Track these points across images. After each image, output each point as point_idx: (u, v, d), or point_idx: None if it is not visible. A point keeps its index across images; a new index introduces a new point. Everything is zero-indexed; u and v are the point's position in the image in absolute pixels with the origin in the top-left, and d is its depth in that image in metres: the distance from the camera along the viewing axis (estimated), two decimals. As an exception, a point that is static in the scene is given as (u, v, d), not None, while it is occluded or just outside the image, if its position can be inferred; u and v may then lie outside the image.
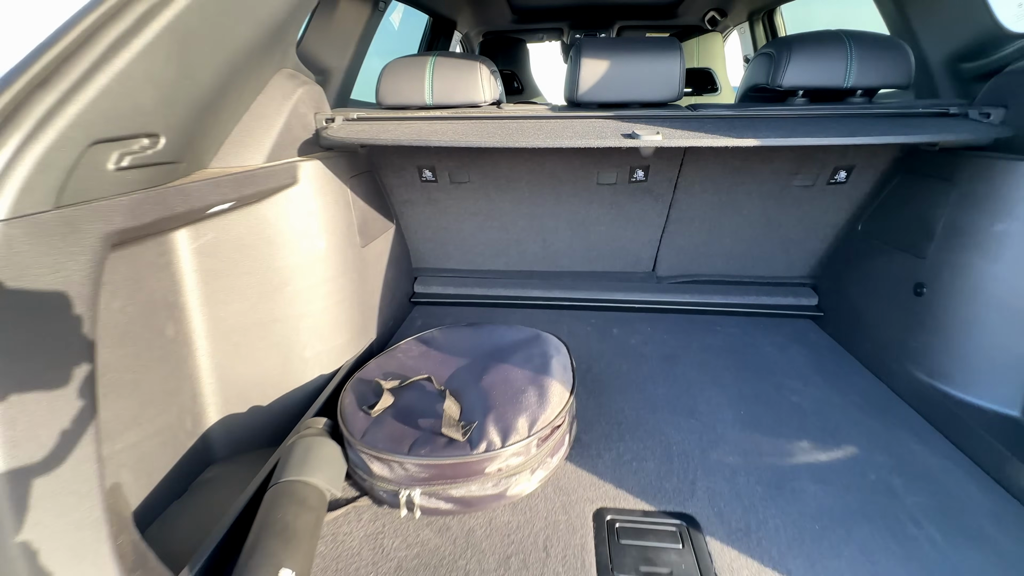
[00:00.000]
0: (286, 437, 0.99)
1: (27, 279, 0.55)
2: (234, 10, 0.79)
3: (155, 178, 0.77)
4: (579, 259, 1.73)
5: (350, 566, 0.79)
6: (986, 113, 1.08)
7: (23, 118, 0.54)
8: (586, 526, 0.85)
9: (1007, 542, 0.82)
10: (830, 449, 1.03)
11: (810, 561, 0.79)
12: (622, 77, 1.23)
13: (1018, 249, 1.00)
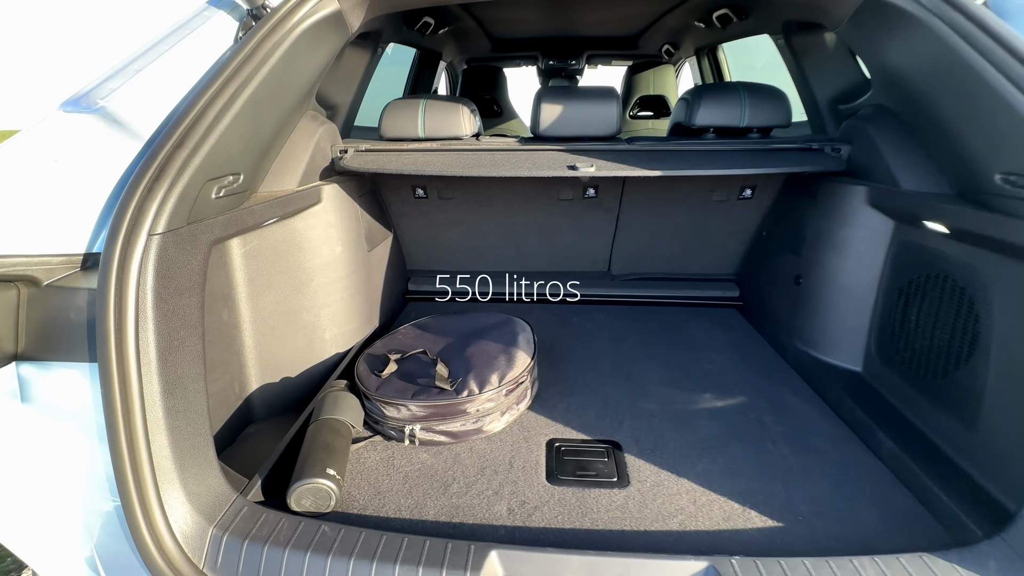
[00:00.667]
0: (311, 400, 1.30)
1: (173, 270, 0.86)
2: (285, 83, 1.12)
3: (234, 203, 1.08)
4: (546, 261, 2.07)
5: (370, 476, 1.10)
6: (837, 149, 1.46)
7: (170, 169, 0.86)
8: (540, 449, 1.18)
9: (834, 453, 1.17)
10: (725, 399, 1.38)
11: (693, 466, 1.12)
12: (572, 118, 1.59)
13: (854, 248, 1.37)
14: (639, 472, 1.11)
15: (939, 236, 1.13)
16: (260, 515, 0.88)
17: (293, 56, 1.09)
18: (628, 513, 1.00)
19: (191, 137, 0.89)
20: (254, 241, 1.30)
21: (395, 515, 1.00)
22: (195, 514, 0.84)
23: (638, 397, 1.39)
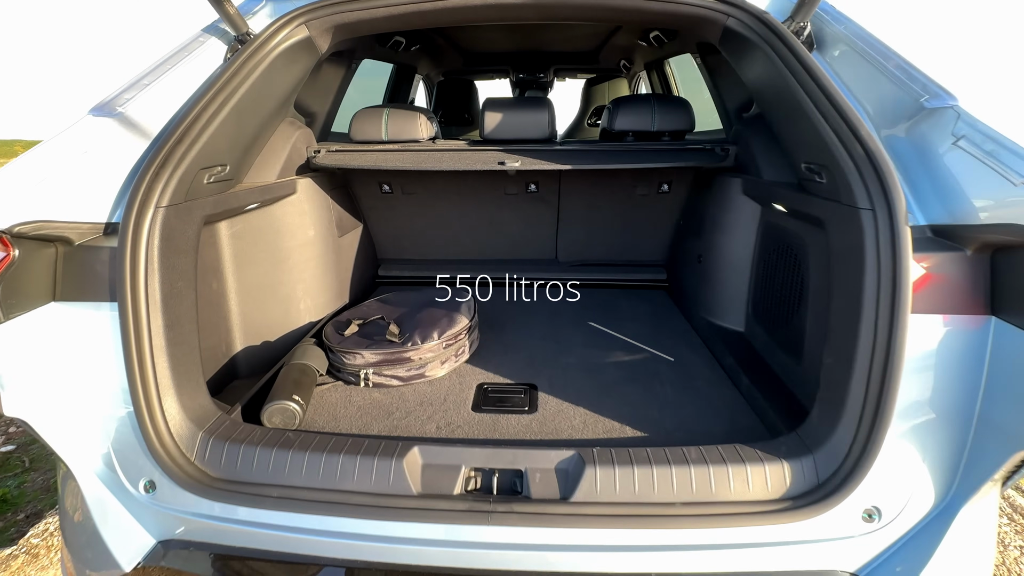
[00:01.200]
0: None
1: (174, 235, 1.13)
2: (264, 95, 1.40)
3: (222, 188, 1.36)
4: (500, 249, 2.36)
5: (331, 408, 1.37)
6: (726, 149, 1.76)
7: (172, 158, 1.13)
8: (471, 389, 1.45)
9: (706, 391, 1.46)
10: (633, 355, 1.67)
11: (592, 400, 1.40)
12: (512, 124, 1.88)
13: (735, 230, 1.67)
14: (547, 404, 1.38)
15: (783, 214, 1.42)
16: (239, 426, 1.15)
17: (270, 73, 1.37)
18: (531, 430, 1.27)
19: (188, 134, 1.17)
20: (239, 224, 1.57)
21: (346, 432, 1.26)
22: (188, 421, 1.10)
23: (560, 354, 1.67)
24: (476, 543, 0.95)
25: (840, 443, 0.98)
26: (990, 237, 0.89)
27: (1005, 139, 0.89)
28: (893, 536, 0.96)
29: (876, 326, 0.93)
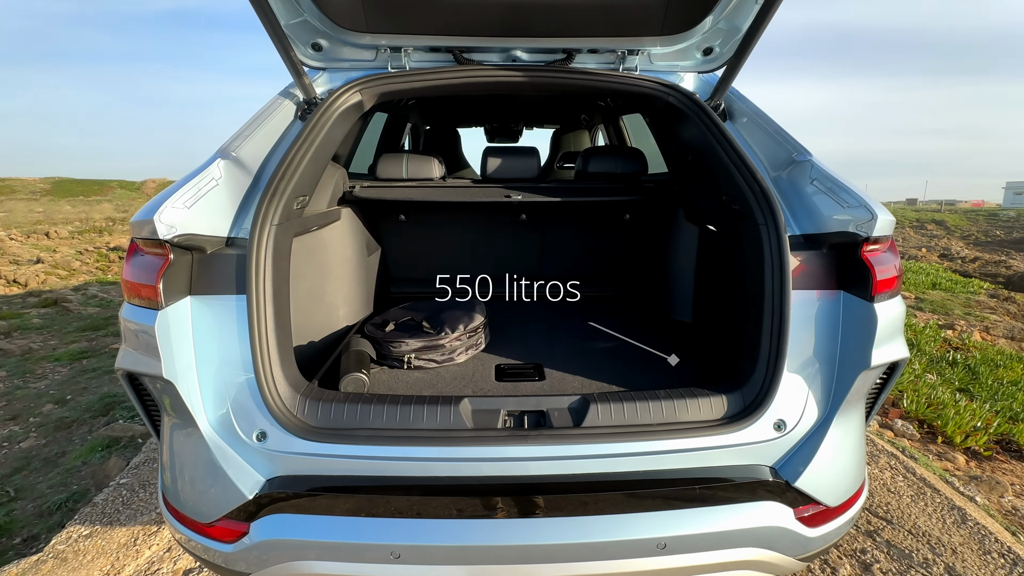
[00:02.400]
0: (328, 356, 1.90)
1: (279, 245, 1.50)
2: (328, 143, 1.82)
3: (303, 212, 1.74)
4: (498, 266, 2.82)
5: (385, 383, 1.73)
6: (672, 186, 2.33)
7: (279, 191, 1.52)
8: (491, 368, 1.86)
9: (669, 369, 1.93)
10: (611, 342, 2.13)
11: (586, 371, 1.84)
12: (506, 167, 2.38)
13: (683, 246, 2.21)
14: (552, 375, 1.81)
15: (713, 233, 1.97)
16: (325, 392, 1.50)
17: (334, 127, 1.80)
18: (542, 390, 1.69)
19: (287, 173, 1.56)
20: (303, 242, 1.94)
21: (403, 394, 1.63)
22: (288, 387, 1.44)
23: (555, 342, 2.12)
24: (517, 458, 1.35)
25: (757, 379, 1.46)
26: (834, 239, 1.44)
27: (837, 180, 1.47)
28: (795, 439, 1.44)
29: (772, 299, 1.44)
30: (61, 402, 3.88)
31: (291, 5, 1.68)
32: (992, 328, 6.15)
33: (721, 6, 1.68)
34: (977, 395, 3.95)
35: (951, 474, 2.86)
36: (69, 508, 2.58)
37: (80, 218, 22.00)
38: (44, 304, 6.85)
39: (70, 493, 2.71)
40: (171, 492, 1.44)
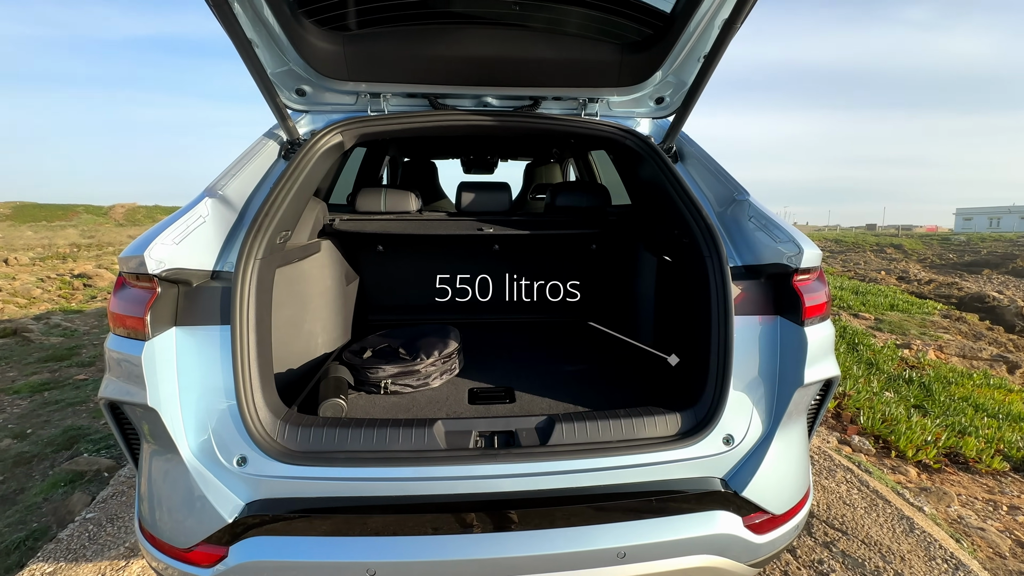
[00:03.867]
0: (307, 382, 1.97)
1: (263, 278, 1.59)
2: (310, 181, 1.93)
3: (286, 246, 1.83)
4: (468, 294, 2.93)
5: (362, 408, 1.80)
6: (632, 220, 2.51)
7: (263, 227, 1.61)
8: (464, 391, 1.95)
9: (631, 382, 2.05)
10: (577, 365, 2.25)
11: (554, 392, 1.94)
12: (480, 201, 2.53)
13: (643, 273, 2.37)
14: (521, 397, 1.91)
15: (668, 262, 2.14)
16: (304, 417, 1.56)
17: (316, 165, 1.91)
18: (512, 411, 1.79)
19: (272, 210, 1.66)
20: (284, 273, 2.02)
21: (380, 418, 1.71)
22: (269, 412, 1.51)
23: (523, 367, 2.23)
24: (488, 476, 1.43)
25: (707, 398, 1.59)
26: (770, 270, 1.61)
27: (770, 218, 1.65)
28: (742, 452, 1.56)
29: (718, 324, 1.59)
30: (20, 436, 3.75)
31: (277, 55, 1.81)
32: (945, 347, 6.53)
33: (668, 64, 1.89)
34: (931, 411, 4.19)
35: (903, 486, 3.03)
36: (29, 547, 2.50)
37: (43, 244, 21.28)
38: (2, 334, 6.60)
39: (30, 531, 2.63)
40: (148, 520, 1.47)
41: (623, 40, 1.91)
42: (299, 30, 1.74)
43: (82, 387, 4.65)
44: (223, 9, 1.45)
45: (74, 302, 9.36)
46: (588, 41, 1.89)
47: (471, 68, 1.89)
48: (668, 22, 1.81)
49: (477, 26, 1.83)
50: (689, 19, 1.71)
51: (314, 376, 2.02)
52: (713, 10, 1.68)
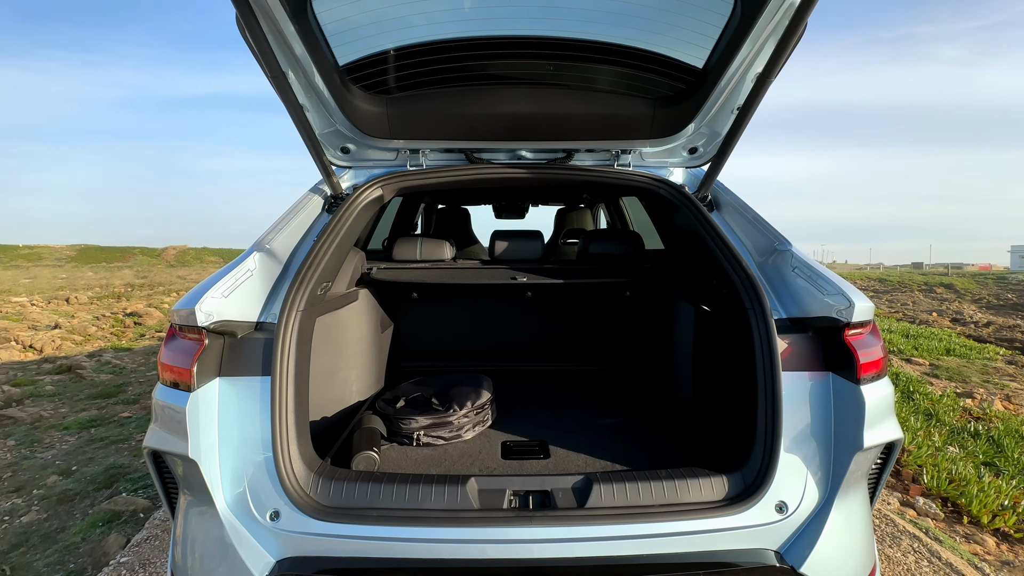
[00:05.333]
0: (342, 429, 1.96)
1: (303, 329, 1.63)
2: (351, 234, 2.00)
3: (326, 296, 1.89)
4: (501, 341, 2.92)
5: (395, 461, 1.77)
6: (666, 268, 2.48)
7: (306, 280, 1.67)
8: (497, 445, 1.90)
9: (672, 437, 1.95)
10: (616, 418, 2.17)
11: (589, 449, 1.87)
12: (513, 249, 2.56)
13: (681, 323, 2.30)
14: (556, 453, 1.85)
15: (707, 312, 2.08)
16: (337, 470, 1.55)
17: (356, 219, 1.99)
18: (547, 468, 1.72)
19: (314, 263, 1.72)
20: (324, 321, 2.07)
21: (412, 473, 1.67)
22: (303, 466, 1.50)
23: (559, 419, 2.16)
24: (522, 540, 1.37)
25: (756, 459, 1.50)
26: (818, 323, 1.53)
27: (815, 268, 1.59)
28: (798, 522, 1.44)
29: (764, 379, 1.52)
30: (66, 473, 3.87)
31: (325, 117, 1.93)
32: (1014, 396, 6.00)
33: (701, 116, 1.91)
34: (1004, 470, 3.81)
35: (980, 559, 2.72)
36: (65, 589, 2.53)
37: (101, 284, 22.75)
38: (58, 371, 6.97)
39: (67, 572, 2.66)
40: (180, 569, 1.46)
41: (655, 94, 1.95)
42: (346, 95, 1.86)
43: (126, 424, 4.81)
44: (280, 80, 1.57)
45: (124, 340, 9.86)
46: (620, 96, 1.94)
47: (506, 124, 1.96)
48: (700, 77, 1.84)
49: (512, 86, 1.91)
50: (722, 74, 1.74)
51: (348, 424, 2.02)
52: (746, 65, 1.70)
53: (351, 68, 1.83)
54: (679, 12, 1.64)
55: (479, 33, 1.75)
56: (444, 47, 1.79)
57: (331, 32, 1.69)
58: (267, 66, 1.54)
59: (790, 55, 1.53)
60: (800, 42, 1.53)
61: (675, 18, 1.67)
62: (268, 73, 1.56)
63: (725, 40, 1.67)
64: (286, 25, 1.55)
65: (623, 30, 1.73)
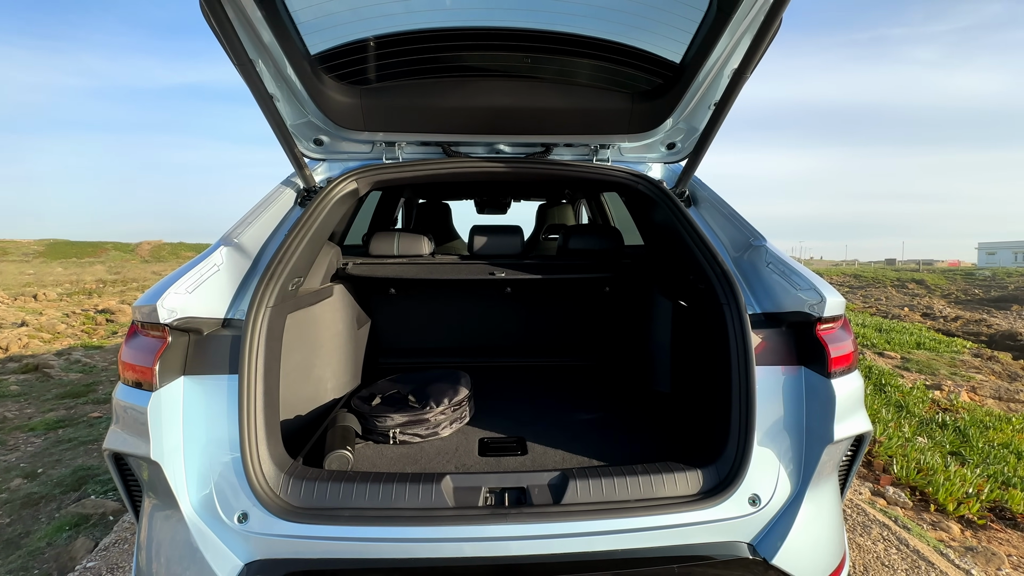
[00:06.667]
0: (317, 428, 1.93)
1: (273, 326, 1.58)
2: (324, 228, 1.95)
3: (297, 292, 1.84)
4: (480, 337, 2.89)
5: (370, 459, 1.74)
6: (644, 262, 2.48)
7: (275, 275, 1.62)
8: (475, 442, 1.88)
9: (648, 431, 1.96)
10: (593, 413, 2.17)
11: (566, 444, 1.86)
12: (492, 244, 2.54)
13: (659, 318, 2.31)
14: (534, 449, 1.84)
15: (683, 307, 2.09)
16: (308, 470, 1.52)
17: (330, 212, 1.94)
18: (525, 465, 1.71)
19: (285, 258, 1.68)
20: (296, 318, 2.02)
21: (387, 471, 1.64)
22: (273, 466, 1.46)
23: (537, 415, 2.15)
24: (498, 537, 1.35)
25: (730, 452, 1.51)
26: (791, 318, 1.55)
27: (789, 264, 1.61)
28: (770, 514, 1.46)
29: (739, 374, 1.53)
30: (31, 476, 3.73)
31: (297, 108, 1.88)
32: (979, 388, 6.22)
33: (678, 111, 1.91)
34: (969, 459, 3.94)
35: (946, 545, 2.81)
36: (28, 597, 2.44)
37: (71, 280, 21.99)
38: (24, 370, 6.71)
39: (30, 580, 2.56)
40: (145, 575, 1.41)
41: (633, 89, 1.94)
42: (318, 85, 1.81)
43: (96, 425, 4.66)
44: (247, 68, 1.52)
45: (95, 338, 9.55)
46: (599, 90, 1.93)
47: (484, 117, 1.94)
48: (678, 72, 1.83)
49: (490, 78, 1.88)
50: (699, 69, 1.74)
51: (322, 423, 1.98)
52: (722, 60, 1.71)
53: (323, 57, 1.77)
54: (656, 6, 1.63)
55: (456, 24, 1.71)
56: (420, 37, 1.75)
57: (301, 20, 1.63)
58: (234, 54, 1.48)
59: (766, 51, 1.54)
60: (776, 38, 1.53)
61: (653, 12, 1.66)
62: (235, 61, 1.51)
63: (702, 35, 1.66)
64: (253, 11, 1.50)
65: (601, 23, 1.72)
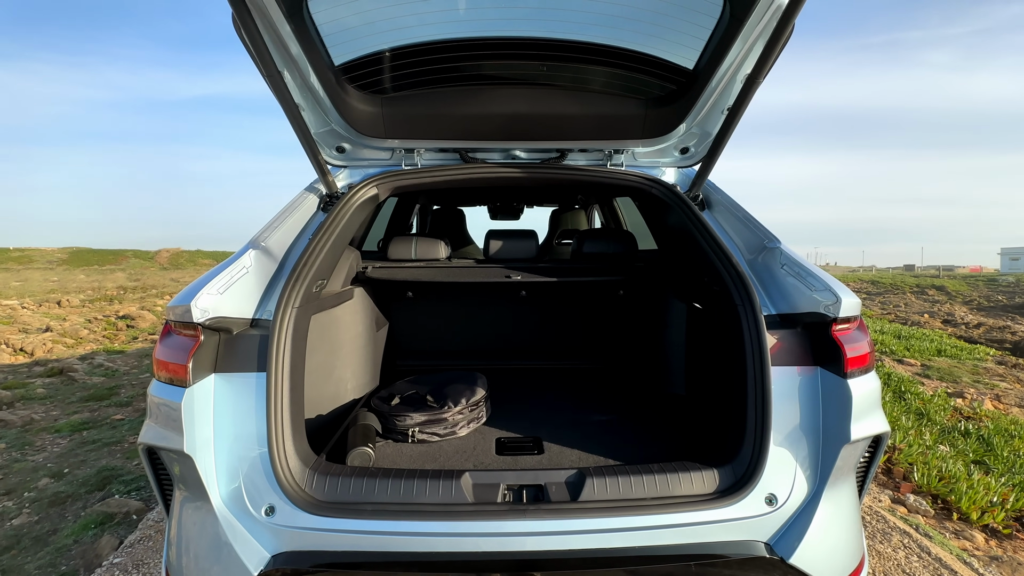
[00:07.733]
0: (337, 427, 1.97)
1: (299, 326, 1.64)
2: (346, 232, 2.01)
3: (321, 294, 1.90)
4: (496, 340, 2.93)
5: (390, 457, 1.78)
6: (659, 266, 2.50)
7: (301, 276, 1.68)
8: (492, 441, 1.91)
9: (664, 432, 1.98)
10: (609, 415, 2.19)
11: (583, 445, 1.89)
12: (507, 248, 2.58)
13: (674, 321, 2.33)
14: (550, 448, 1.86)
15: (698, 310, 2.11)
16: (332, 466, 1.56)
17: (352, 217, 2.00)
18: (541, 463, 1.74)
19: (310, 260, 1.73)
20: (318, 320, 2.07)
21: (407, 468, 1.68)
22: (299, 461, 1.51)
23: (553, 416, 2.18)
24: (516, 532, 1.38)
25: (746, 452, 1.52)
26: (807, 319, 1.56)
27: (804, 265, 1.62)
28: (787, 513, 1.46)
29: (754, 375, 1.54)
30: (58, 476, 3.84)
31: (321, 117, 1.95)
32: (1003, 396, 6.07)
33: (692, 116, 1.94)
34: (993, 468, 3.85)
35: (970, 554, 2.76)
36: (57, 592, 2.51)
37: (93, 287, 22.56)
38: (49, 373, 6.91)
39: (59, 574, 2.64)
40: (175, 566, 1.46)
41: (647, 95, 1.98)
42: (342, 94, 1.88)
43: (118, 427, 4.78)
44: (276, 79, 1.59)
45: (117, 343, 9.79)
46: (613, 96, 1.97)
47: (500, 124, 1.99)
48: (691, 78, 1.87)
49: (506, 86, 1.94)
50: (712, 75, 1.77)
51: (343, 422, 2.02)
52: (735, 66, 1.74)
53: (346, 68, 1.84)
54: (670, 14, 1.67)
55: (473, 34, 1.77)
56: (439, 47, 1.81)
57: (327, 32, 1.70)
58: (263, 66, 1.55)
59: (778, 56, 1.56)
60: (788, 44, 1.56)
61: (666, 20, 1.70)
62: (264, 72, 1.58)
63: (715, 41, 1.70)
64: (282, 25, 1.57)
65: (615, 31, 1.76)
